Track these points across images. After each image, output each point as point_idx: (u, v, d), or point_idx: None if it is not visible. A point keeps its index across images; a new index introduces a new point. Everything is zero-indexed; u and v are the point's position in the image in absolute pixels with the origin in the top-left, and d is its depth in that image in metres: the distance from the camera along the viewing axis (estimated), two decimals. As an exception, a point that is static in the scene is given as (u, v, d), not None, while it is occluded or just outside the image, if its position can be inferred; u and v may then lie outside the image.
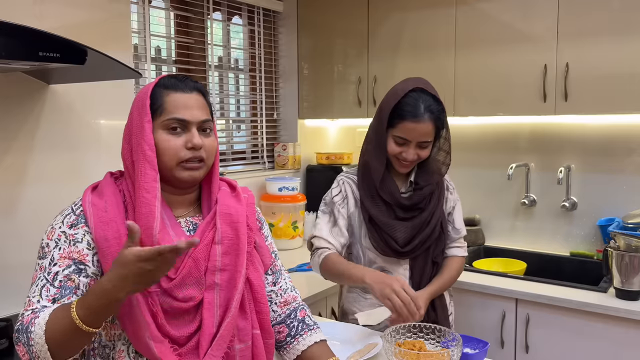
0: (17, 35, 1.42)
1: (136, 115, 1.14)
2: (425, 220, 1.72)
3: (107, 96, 2.13)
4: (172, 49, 2.73)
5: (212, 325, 1.12)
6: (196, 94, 1.17)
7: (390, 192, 1.72)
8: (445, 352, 1.31)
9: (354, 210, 1.77)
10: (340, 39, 3.00)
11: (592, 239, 2.59)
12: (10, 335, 1.71)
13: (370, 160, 1.72)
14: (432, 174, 1.75)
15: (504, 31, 2.48)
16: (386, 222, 1.70)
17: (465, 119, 2.83)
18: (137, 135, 1.12)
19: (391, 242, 1.70)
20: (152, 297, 1.08)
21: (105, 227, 1.09)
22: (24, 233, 1.93)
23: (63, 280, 1.06)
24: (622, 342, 1.99)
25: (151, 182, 1.09)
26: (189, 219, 1.22)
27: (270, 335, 1.24)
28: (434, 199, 1.75)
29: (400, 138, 1.66)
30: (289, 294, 1.35)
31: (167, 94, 1.14)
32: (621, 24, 2.22)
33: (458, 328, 2.08)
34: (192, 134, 1.14)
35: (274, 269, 1.35)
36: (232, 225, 1.18)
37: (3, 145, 1.88)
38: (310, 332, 1.32)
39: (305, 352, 1.29)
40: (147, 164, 1.10)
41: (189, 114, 1.14)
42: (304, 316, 1.35)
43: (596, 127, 2.54)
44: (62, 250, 1.08)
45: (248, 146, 3.21)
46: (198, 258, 1.13)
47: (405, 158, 1.67)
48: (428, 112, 1.63)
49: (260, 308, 1.22)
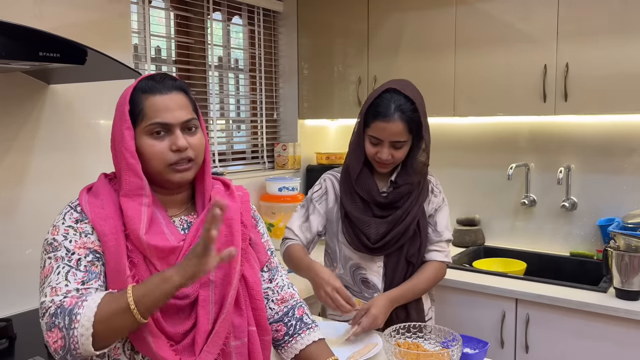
0: (17, 35, 1.42)
1: (117, 121, 1.13)
2: (399, 217, 1.73)
3: (107, 96, 2.13)
4: (172, 49, 2.73)
5: (207, 322, 1.12)
6: (176, 93, 1.15)
7: (367, 189, 1.75)
8: (445, 352, 1.31)
9: (333, 206, 1.82)
10: (340, 38, 3.00)
11: (592, 239, 2.59)
12: (10, 335, 1.70)
13: (349, 159, 1.78)
14: (413, 174, 1.76)
15: (504, 31, 2.48)
16: (360, 218, 1.73)
17: (465, 119, 2.83)
18: (119, 143, 1.12)
19: (363, 238, 1.73)
20: None
21: (103, 222, 1.09)
22: (24, 233, 1.93)
23: (88, 265, 1.06)
24: (622, 342, 1.99)
25: (135, 190, 1.10)
26: (184, 218, 1.21)
27: (266, 331, 1.24)
28: (412, 198, 1.76)
29: (374, 138, 1.69)
30: (285, 291, 1.35)
31: (145, 98, 1.12)
32: (621, 24, 2.22)
33: (458, 328, 2.08)
34: (175, 136, 1.12)
35: (270, 266, 1.34)
36: (226, 222, 1.17)
37: (3, 146, 1.88)
38: (308, 330, 1.31)
39: (303, 351, 1.29)
40: (131, 172, 1.10)
41: (170, 116, 1.12)
42: (302, 314, 1.34)
43: (596, 127, 2.54)
44: (74, 243, 1.08)
45: (248, 146, 3.21)
46: None
47: (380, 158, 1.70)
48: (398, 112, 1.65)
49: (256, 305, 1.21)
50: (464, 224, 2.87)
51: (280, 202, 2.88)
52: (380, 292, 1.78)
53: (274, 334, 1.30)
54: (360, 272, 1.80)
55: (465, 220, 2.89)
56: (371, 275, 1.79)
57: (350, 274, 1.82)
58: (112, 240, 1.08)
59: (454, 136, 2.92)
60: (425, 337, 1.46)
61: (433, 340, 1.45)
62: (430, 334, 1.46)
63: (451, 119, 2.82)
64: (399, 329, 1.46)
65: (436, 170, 3.05)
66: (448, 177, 2.95)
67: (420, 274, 1.76)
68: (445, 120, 2.91)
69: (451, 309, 2.34)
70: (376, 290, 1.79)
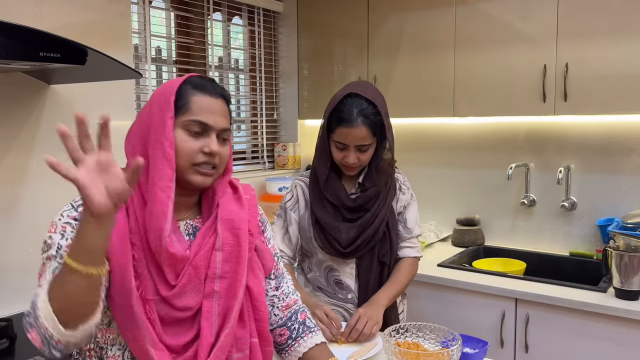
0: (17, 36, 1.42)
1: (157, 109, 1.09)
2: (368, 221, 1.74)
3: (107, 96, 2.14)
4: (172, 49, 2.73)
5: (210, 335, 1.10)
6: (222, 100, 1.14)
7: (336, 194, 1.75)
8: (445, 352, 1.31)
9: (304, 212, 1.82)
10: (340, 39, 3.00)
11: (591, 239, 2.59)
12: (10, 335, 1.71)
13: (317, 165, 1.78)
14: (379, 175, 1.76)
15: (504, 31, 2.49)
16: (330, 223, 1.74)
17: (465, 119, 2.83)
18: (157, 131, 1.07)
19: (334, 243, 1.74)
20: (150, 305, 1.06)
21: None
22: (24, 233, 1.93)
23: None
24: (621, 342, 1.99)
25: (167, 182, 1.06)
26: (189, 222, 1.18)
27: (268, 342, 1.22)
28: (380, 199, 1.77)
29: (339, 143, 1.69)
30: (290, 297, 1.34)
31: (194, 94, 1.11)
32: (621, 24, 2.22)
33: (458, 328, 2.08)
34: (211, 139, 1.10)
35: (276, 272, 1.32)
36: (233, 232, 1.15)
37: (4, 145, 1.88)
38: (311, 334, 1.32)
39: (306, 354, 1.29)
40: (166, 162, 1.06)
41: (212, 119, 1.10)
42: (305, 318, 1.34)
43: (596, 127, 2.54)
44: (68, 240, 1.04)
45: (248, 146, 3.21)
46: (198, 265, 1.10)
47: (347, 162, 1.70)
48: (361, 117, 1.65)
49: (259, 316, 1.19)
50: (464, 224, 2.87)
51: (280, 202, 2.88)
52: (353, 293, 1.80)
53: (277, 338, 1.31)
54: (333, 274, 1.82)
55: (465, 220, 2.89)
56: (344, 277, 1.81)
57: (324, 275, 1.84)
58: (118, 245, 1.04)
59: (453, 136, 2.92)
60: (425, 337, 1.46)
61: (433, 340, 1.45)
62: (430, 334, 1.46)
63: (451, 119, 2.82)
64: (399, 328, 1.46)
65: (436, 170, 3.08)
66: (448, 177, 2.95)
67: (399, 273, 1.79)
68: (445, 120, 2.91)
69: (450, 309, 2.34)
70: (350, 291, 1.81)
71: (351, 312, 1.80)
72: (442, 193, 2.96)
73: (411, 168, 2.73)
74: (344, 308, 1.81)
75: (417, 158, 3.01)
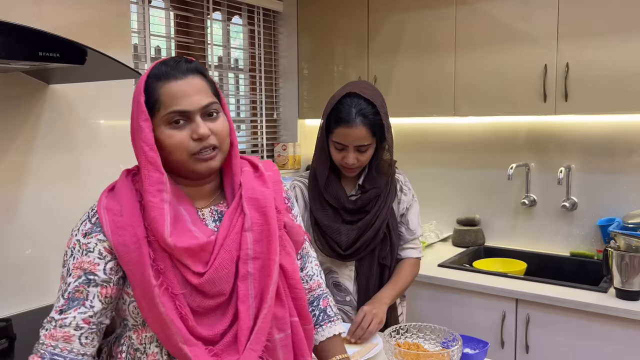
0: (17, 35, 1.42)
1: (134, 114, 1.07)
2: (368, 223, 1.73)
3: (107, 96, 2.13)
4: (172, 49, 2.73)
5: (248, 318, 1.06)
6: (192, 76, 1.07)
7: (336, 195, 1.74)
8: (445, 352, 1.31)
9: (303, 214, 1.80)
10: (340, 39, 3.00)
11: (592, 239, 2.59)
12: (9, 335, 1.70)
13: (316, 165, 1.77)
14: (380, 176, 1.76)
15: (504, 31, 2.48)
16: (330, 225, 1.73)
17: (465, 119, 2.83)
18: (136, 136, 1.06)
19: (334, 245, 1.73)
20: (179, 299, 1.04)
21: (122, 232, 1.04)
22: (24, 233, 1.93)
23: (72, 292, 1.03)
24: (622, 342, 1.98)
25: (156, 185, 1.03)
26: (214, 208, 1.15)
27: (308, 320, 1.18)
28: (380, 201, 1.75)
29: (338, 143, 1.68)
30: (314, 280, 1.31)
31: (160, 86, 1.05)
32: (621, 24, 2.22)
33: (458, 328, 2.08)
34: (196, 124, 1.05)
35: (302, 252, 1.28)
36: (260, 211, 1.11)
37: (3, 145, 1.88)
38: (330, 323, 1.29)
39: (322, 342, 1.26)
40: (150, 166, 1.04)
41: (188, 102, 1.05)
42: (326, 306, 1.31)
43: (596, 127, 2.54)
44: (75, 260, 1.05)
45: (248, 146, 3.21)
46: (230, 248, 1.07)
47: (346, 163, 1.69)
48: (360, 117, 1.64)
49: (296, 294, 1.16)
50: (464, 224, 2.87)
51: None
52: (351, 295, 1.79)
53: None
54: (332, 276, 1.81)
55: (465, 220, 2.88)
56: (343, 279, 1.80)
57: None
58: (135, 251, 1.03)
59: (454, 136, 2.92)
60: (426, 337, 1.46)
61: (433, 340, 1.44)
62: (431, 334, 1.45)
63: (451, 119, 2.82)
64: (399, 329, 1.46)
65: (436, 170, 3.07)
66: (448, 177, 2.95)
67: (401, 273, 1.78)
68: (445, 120, 2.91)
69: (451, 309, 2.34)
70: (348, 293, 1.80)
71: (349, 315, 1.79)
72: (442, 193, 2.96)
73: (411, 168, 2.72)
74: (343, 311, 1.80)
75: (417, 158, 3.00)
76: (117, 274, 1.06)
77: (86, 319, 1.02)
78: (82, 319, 1.02)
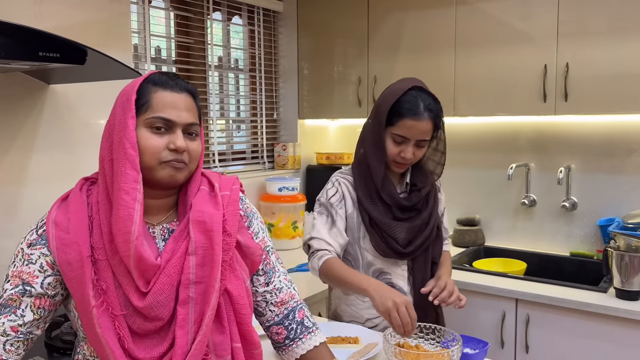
0: (17, 35, 1.42)
1: (120, 110, 1.07)
2: (425, 220, 1.73)
3: (107, 96, 2.12)
4: (172, 49, 2.73)
5: (185, 343, 1.05)
6: (186, 95, 1.10)
7: (390, 193, 1.70)
8: (445, 352, 1.31)
9: (352, 211, 1.74)
10: (340, 39, 3.00)
11: (592, 239, 2.59)
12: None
13: (370, 161, 1.70)
14: (428, 175, 1.76)
15: (504, 31, 2.48)
16: (386, 222, 1.69)
17: (465, 119, 2.83)
18: (119, 132, 1.05)
19: (392, 243, 1.68)
20: (119, 320, 1.03)
21: (67, 249, 1.04)
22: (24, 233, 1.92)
23: (5, 299, 1.05)
24: (622, 342, 1.99)
25: (131, 183, 1.02)
26: (166, 226, 1.14)
27: (255, 345, 1.16)
28: (431, 199, 1.77)
29: (399, 136, 1.64)
30: (285, 292, 1.28)
31: (155, 91, 1.08)
32: (621, 24, 2.22)
33: (458, 328, 2.08)
34: (176, 135, 1.07)
35: (265, 268, 1.26)
36: (206, 234, 1.09)
37: (3, 145, 1.88)
38: (309, 335, 1.26)
39: (304, 355, 1.25)
40: (128, 164, 1.02)
41: (176, 114, 1.07)
42: (303, 317, 1.28)
43: (596, 127, 2.54)
44: (16, 268, 1.07)
45: (248, 146, 3.21)
46: (170, 272, 1.06)
47: (404, 157, 1.65)
48: (427, 111, 1.64)
49: (242, 319, 1.13)
50: (464, 224, 2.87)
51: (280, 202, 2.88)
52: (407, 294, 1.74)
53: (274, 336, 1.26)
54: (385, 277, 1.74)
55: (465, 220, 2.88)
56: (397, 280, 1.74)
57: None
58: (78, 269, 1.02)
59: (454, 136, 2.91)
60: (425, 337, 1.46)
61: (433, 341, 1.44)
62: (431, 335, 1.45)
63: (451, 119, 2.81)
64: (399, 329, 1.46)
65: (436, 170, 3.07)
66: (448, 177, 2.93)
67: (446, 264, 1.82)
68: (445, 120, 2.90)
69: (451, 309, 2.34)
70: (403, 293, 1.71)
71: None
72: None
73: (411, 168, 2.72)
74: None
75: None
76: (55, 289, 1.08)
77: (15, 327, 1.04)
78: (11, 326, 1.04)
